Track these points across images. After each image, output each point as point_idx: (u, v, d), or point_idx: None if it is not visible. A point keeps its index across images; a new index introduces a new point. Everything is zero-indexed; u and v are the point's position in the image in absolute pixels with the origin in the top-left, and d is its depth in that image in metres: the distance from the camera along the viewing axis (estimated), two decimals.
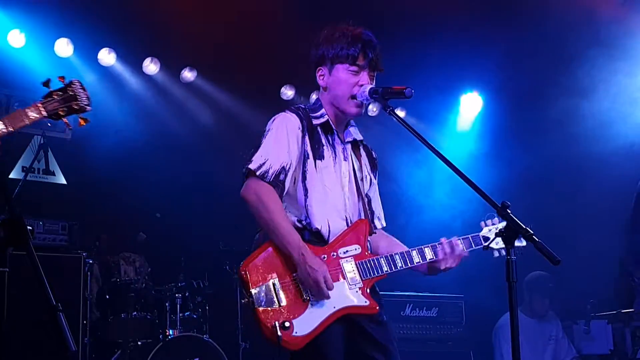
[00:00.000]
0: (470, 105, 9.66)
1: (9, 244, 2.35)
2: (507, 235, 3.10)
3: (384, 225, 4.22)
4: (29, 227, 2.39)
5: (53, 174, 8.73)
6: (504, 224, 3.55)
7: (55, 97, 3.40)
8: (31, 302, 3.58)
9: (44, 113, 3.35)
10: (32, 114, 3.31)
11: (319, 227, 3.79)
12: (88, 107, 3.48)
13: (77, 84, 3.46)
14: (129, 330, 7.17)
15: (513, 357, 3.01)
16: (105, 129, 8.27)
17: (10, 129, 3.23)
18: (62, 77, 3.46)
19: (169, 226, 8.36)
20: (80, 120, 3.49)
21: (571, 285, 7.94)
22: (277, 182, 3.75)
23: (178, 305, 7.36)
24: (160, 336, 7.16)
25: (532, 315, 7.79)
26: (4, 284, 2.41)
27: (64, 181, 8.80)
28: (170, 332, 7.18)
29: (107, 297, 7.38)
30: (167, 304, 7.37)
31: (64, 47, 8.07)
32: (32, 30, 7.84)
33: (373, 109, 9.48)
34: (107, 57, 8.35)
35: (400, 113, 9.32)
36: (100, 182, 8.49)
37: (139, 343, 7.14)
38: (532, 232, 2.99)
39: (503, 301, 3.02)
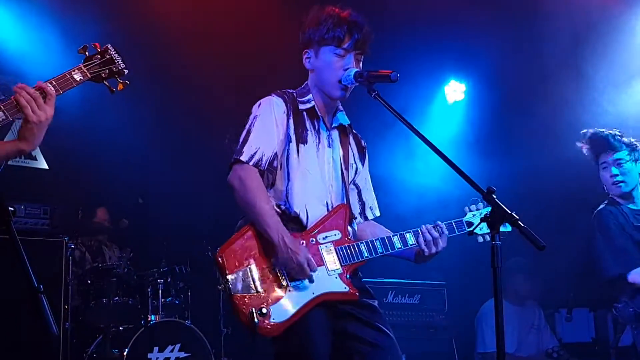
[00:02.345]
0: (453, 94, 9.66)
1: None
2: (492, 220, 3.10)
3: (377, 214, 4.18)
4: (10, 208, 2.36)
5: (34, 158, 8.68)
6: (488, 209, 3.61)
7: (95, 60, 3.45)
8: (12, 285, 3.54)
9: (89, 75, 3.40)
10: (78, 76, 3.35)
11: (298, 212, 3.75)
12: (126, 71, 3.54)
13: (112, 48, 3.52)
14: (111, 315, 7.14)
15: (497, 342, 3.02)
16: (87, 112, 8.21)
17: (60, 92, 3.25)
18: (97, 44, 3.51)
19: (151, 212, 8.33)
20: (119, 84, 3.54)
21: (553, 273, 7.96)
22: (270, 169, 3.74)
23: (160, 291, 7.34)
24: (142, 321, 7.12)
25: (514, 302, 7.82)
26: None
27: (45, 166, 8.74)
28: (152, 318, 7.15)
29: (89, 281, 7.35)
30: (149, 290, 7.34)
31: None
32: (20, 17, 7.80)
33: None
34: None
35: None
36: (82, 167, 8.43)
37: (121, 328, 7.11)
38: (517, 217, 3.00)
39: (485, 289, 3.03)
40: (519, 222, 2.99)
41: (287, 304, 3.61)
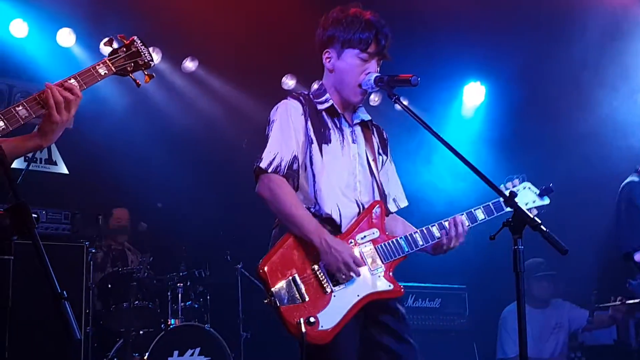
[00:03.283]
0: (473, 95, 9.63)
1: (13, 232, 2.33)
2: (514, 225, 3.07)
3: (402, 205, 4.11)
4: (34, 215, 2.36)
5: (55, 163, 8.73)
6: (527, 183, 3.74)
7: (121, 53, 3.38)
8: (36, 290, 3.56)
9: (114, 69, 3.32)
10: (103, 71, 3.28)
11: (330, 213, 3.71)
12: (152, 63, 3.47)
13: (138, 40, 3.46)
14: (131, 319, 7.16)
15: (520, 348, 3.00)
16: (107, 118, 8.26)
17: (84, 87, 3.19)
18: (123, 35, 3.45)
19: (171, 216, 8.36)
20: (145, 76, 3.46)
21: (575, 274, 7.91)
22: (291, 173, 3.71)
23: (179, 295, 7.36)
24: (162, 325, 7.15)
25: (535, 305, 7.75)
26: (9, 272, 2.39)
27: (65, 171, 8.79)
28: (172, 322, 7.17)
29: (110, 286, 7.38)
30: (168, 294, 7.37)
31: (66, 37, 8.04)
32: (35, 20, 7.80)
33: (375, 99, 9.43)
34: (108, 47, 8.30)
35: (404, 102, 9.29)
36: (102, 172, 8.47)
37: (141, 332, 7.14)
38: (539, 221, 2.97)
39: (506, 292, 3.00)
40: (541, 226, 2.97)
41: (333, 310, 3.57)
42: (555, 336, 7.80)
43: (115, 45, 3.41)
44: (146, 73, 3.46)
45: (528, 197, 3.91)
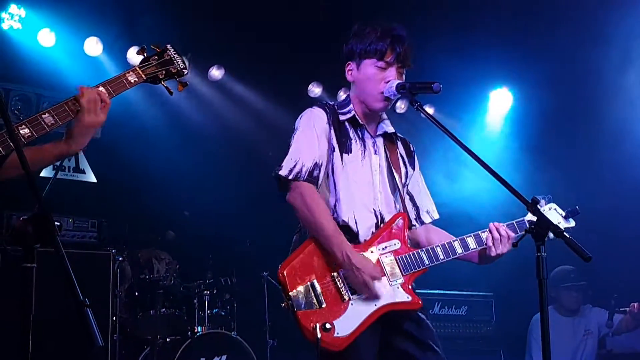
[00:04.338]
0: (500, 102, 9.58)
1: (36, 240, 2.35)
2: (537, 231, 3.06)
3: (436, 217, 4.14)
4: (56, 223, 2.38)
5: (83, 172, 8.80)
6: (552, 205, 3.75)
7: (152, 62, 3.37)
8: (59, 298, 3.59)
9: (144, 77, 3.32)
10: (133, 78, 3.27)
11: (347, 220, 3.75)
12: (185, 71, 3.44)
13: (171, 49, 3.44)
14: (158, 326, 7.20)
15: (543, 355, 2.98)
16: (135, 127, 8.31)
17: (113, 95, 3.18)
18: (157, 44, 3.44)
19: (198, 224, 8.39)
20: (179, 85, 3.45)
21: (599, 280, 7.85)
22: (310, 180, 3.73)
23: (206, 302, 7.40)
24: (189, 333, 7.17)
25: (564, 313, 7.68)
26: (32, 280, 2.41)
27: (94, 179, 8.86)
28: (199, 329, 7.20)
29: (136, 293, 7.42)
30: (195, 301, 7.40)
31: (93, 46, 8.10)
32: (62, 29, 7.87)
33: (401, 106, 9.43)
34: (136, 56, 8.36)
35: (429, 110, 9.27)
36: (129, 181, 8.53)
37: (168, 340, 7.17)
38: (562, 228, 2.96)
39: (534, 299, 2.98)
40: (564, 233, 2.96)
41: (350, 317, 3.59)
42: (584, 343, 7.73)
43: (147, 53, 3.41)
44: (179, 81, 3.45)
45: (553, 218, 3.88)
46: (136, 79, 3.28)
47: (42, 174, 8.05)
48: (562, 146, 8.90)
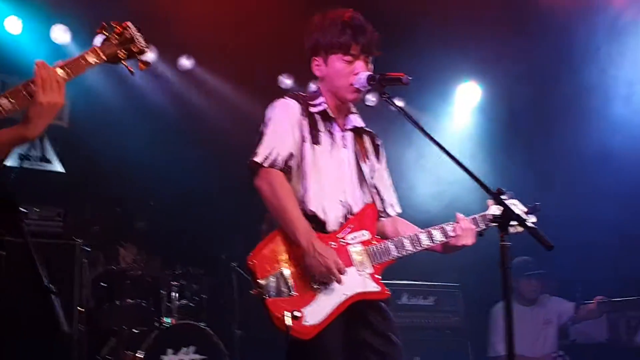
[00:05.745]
0: (467, 95, 9.63)
1: (1, 227, 2.34)
2: (501, 221, 3.11)
3: (399, 211, 4.20)
4: (23, 210, 2.37)
5: (49, 161, 8.72)
6: (514, 201, 3.80)
7: (113, 41, 3.25)
8: (26, 285, 3.57)
9: (104, 57, 3.19)
10: (92, 59, 3.15)
11: (315, 211, 3.78)
12: (147, 49, 3.32)
13: (132, 26, 3.30)
14: (125, 317, 7.14)
15: (507, 343, 3.02)
16: (102, 117, 8.26)
17: (72, 76, 3.06)
18: (117, 22, 3.30)
19: (166, 214, 8.36)
20: (140, 64, 3.35)
21: (563, 273, 7.95)
22: (286, 169, 3.76)
23: (174, 293, 7.36)
24: (156, 324, 7.15)
25: (522, 303, 7.76)
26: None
27: (60, 169, 8.79)
28: (167, 320, 7.17)
29: (103, 284, 7.38)
30: (163, 292, 7.37)
31: (61, 34, 8.04)
32: (29, 16, 7.80)
33: (372, 99, 9.45)
34: (102, 35, 8.29)
35: (399, 103, 9.30)
36: (97, 171, 8.47)
37: (135, 331, 7.12)
38: (525, 217, 3.01)
39: (500, 289, 3.03)
40: (527, 222, 3.01)
41: (319, 306, 3.63)
42: (544, 332, 7.82)
43: (108, 32, 3.28)
44: (141, 60, 3.34)
45: None
46: (96, 60, 3.16)
47: (8, 163, 7.96)
48: (528, 140, 8.97)
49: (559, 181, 8.45)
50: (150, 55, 8.59)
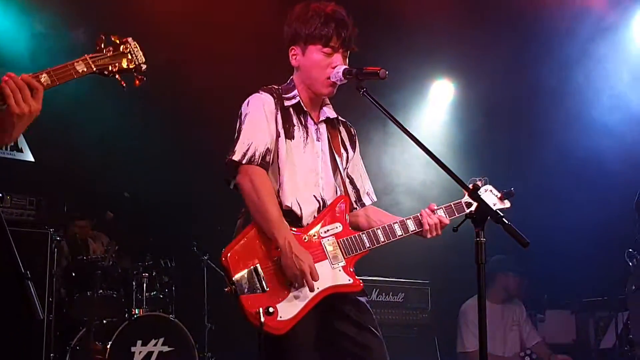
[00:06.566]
0: (441, 93, 9.66)
1: None
2: (477, 217, 3.12)
3: (374, 200, 4.21)
4: None
5: (21, 150, 8.61)
6: (488, 186, 3.91)
7: (107, 53, 3.18)
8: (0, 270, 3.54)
9: (94, 68, 3.11)
10: (81, 68, 3.07)
11: (290, 205, 3.78)
12: (144, 66, 3.25)
13: (132, 41, 3.24)
14: (95, 308, 7.12)
15: (480, 340, 3.04)
16: (75, 106, 8.18)
17: (57, 83, 2.99)
18: (117, 36, 3.23)
19: (138, 205, 8.31)
20: (135, 79, 3.27)
21: (538, 272, 8.01)
22: (264, 164, 3.75)
23: (145, 285, 7.35)
24: (126, 315, 7.13)
25: (496, 301, 7.82)
26: None
27: (31, 158, 8.69)
28: (136, 311, 7.16)
29: (73, 274, 7.33)
30: (133, 283, 7.35)
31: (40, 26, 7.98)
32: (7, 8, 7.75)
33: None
34: (82, 36, 8.24)
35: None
36: (68, 160, 8.40)
37: (104, 321, 7.10)
38: (501, 214, 3.02)
39: (469, 287, 3.04)
40: (503, 218, 3.02)
41: (293, 301, 3.64)
42: (516, 332, 7.89)
43: (104, 45, 3.21)
44: (137, 76, 3.27)
45: (489, 199, 4.00)
46: (84, 69, 3.08)
47: None
48: (501, 137, 9.02)
49: (531, 182, 8.52)
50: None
